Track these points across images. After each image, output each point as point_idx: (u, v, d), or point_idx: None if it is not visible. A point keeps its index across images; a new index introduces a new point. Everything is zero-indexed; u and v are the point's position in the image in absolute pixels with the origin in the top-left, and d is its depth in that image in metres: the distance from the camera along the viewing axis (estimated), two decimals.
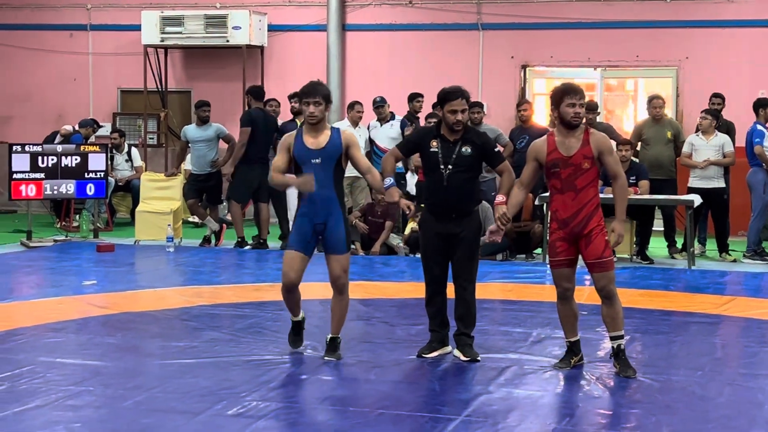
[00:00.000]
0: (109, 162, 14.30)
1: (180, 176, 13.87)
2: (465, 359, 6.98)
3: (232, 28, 15.94)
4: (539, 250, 12.10)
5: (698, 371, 6.80)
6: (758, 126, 12.16)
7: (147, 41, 16.29)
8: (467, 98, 6.98)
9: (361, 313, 8.58)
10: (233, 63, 16.37)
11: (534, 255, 12.22)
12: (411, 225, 12.05)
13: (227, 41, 16.03)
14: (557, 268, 6.72)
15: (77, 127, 15.49)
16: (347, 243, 6.97)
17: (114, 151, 15.25)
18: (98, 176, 13.39)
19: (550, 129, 7.65)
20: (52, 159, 13.17)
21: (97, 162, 13.40)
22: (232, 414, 5.70)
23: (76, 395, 6.02)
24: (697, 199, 11.83)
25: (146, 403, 5.89)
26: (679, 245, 12.54)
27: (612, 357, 6.75)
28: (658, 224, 12.69)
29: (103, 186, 13.49)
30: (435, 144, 7.01)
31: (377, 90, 14.07)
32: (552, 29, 15.44)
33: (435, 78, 14.13)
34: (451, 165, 6.95)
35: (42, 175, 13.11)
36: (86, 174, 13.32)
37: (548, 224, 7.48)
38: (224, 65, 16.62)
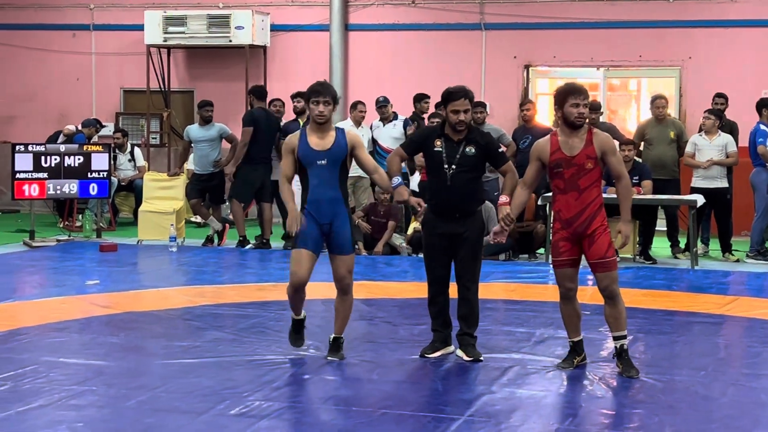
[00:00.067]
0: (112, 162, 14.31)
1: (183, 176, 13.87)
2: (468, 359, 6.97)
3: (235, 28, 15.94)
4: (542, 250, 12.09)
5: (701, 371, 6.80)
6: (761, 126, 12.15)
7: (150, 41, 16.30)
8: (471, 98, 6.95)
9: (364, 313, 8.57)
10: (236, 63, 16.37)
11: (537, 255, 12.21)
12: (414, 225, 12.05)
13: (230, 41, 16.03)
14: (560, 268, 6.71)
15: (80, 127, 15.48)
16: (352, 243, 6.97)
17: (117, 151, 15.25)
18: (101, 176, 13.39)
19: (554, 129, 7.63)
20: (55, 159, 13.17)
21: (100, 162, 13.40)
22: (235, 414, 5.70)
23: (79, 395, 6.02)
24: (700, 199, 11.83)
25: (149, 403, 5.89)
26: (682, 245, 12.53)
27: (615, 357, 6.74)
28: (661, 224, 12.68)
29: (106, 186, 13.50)
30: (439, 143, 7.00)
31: (380, 90, 14.06)
32: (555, 29, 15.43)
33: (437, 78, 14.14)
34: (455, 165, 6.94)
35: (45, 175, 13.12)
36: (89, 174, 13.33)
37: (551, 224, 7.48)
38: (227, 65, 16.62)
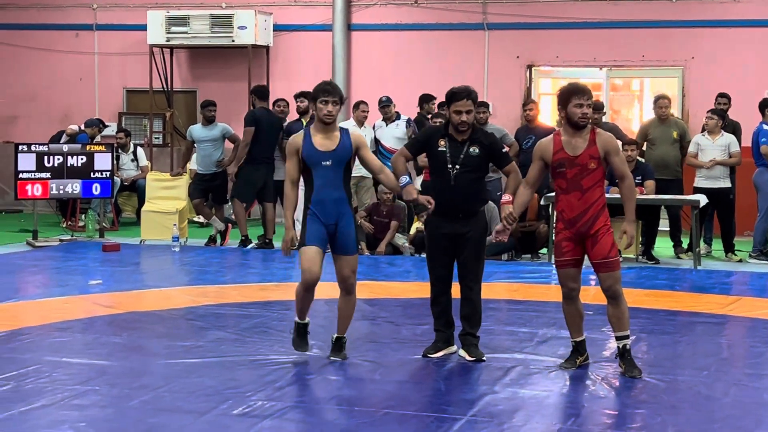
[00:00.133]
0: (115, 162, 14.31)
1: (185, 176, 13.87)
2: (470, 359, 6.97)
3: (238, 28, 15.95)
4: (545, 250, 12.09)
5: (704, 371, 6.79)
6: (764, 126, 12.13)
7: (153, 41, 16.30)
8: (474, 99, 6.93)
9: (367, 313, 8.57)
10: (239, 63, 16.37)
11: (539, 255, 12.21)
12: (416, 225, 12.05)
13: (233, 41, 16.03)
14: (563, 268, 6.71)
15: (83, 127, 15.49)
16: (356, 243, 6.96)
17: (120, 151, 15.25)
18: (104, 176, 13.39)
19: (557, 129, 7.63)
20: (58, 159, 13.18)
21: (103, 162, 13.41)
22: (238, 413, 5.70)
23: (82, 395, 6.02)
24: (703, 199, 11.82)
25: (152, 403, 5.89)
26: (685, 245, 12.52)
27: (618, 357, 6.73)
28: (664, 224, 12.68)
29: (109, 186, 13.50)
30: (443, 143, 6.99)
31: (382, 90, 14.06)
32: (558, 29, 15.42)
33: (440, 78, 14.16)
34: (459, 165, 6.93)
35: (48, 175, 13.13)
36: (92, 174, 13.33)
37: (554, 224, 7.48)
38: (230, 65, 16.63)
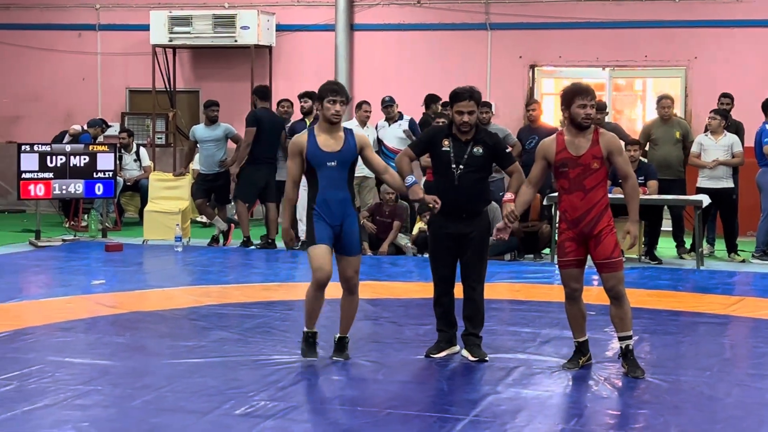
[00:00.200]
0: (118, 162, 14.33)
1: (188, 176, 13.89)
2: (473, 359, 6.97)
3: (241, 28, 15.95)
4: (547, 250, 12.08)
5: (707, 372, 6.79)
6: (767, 126, 12.13)
7: (155, 41, 16.31)
8: (476, 100, 6.92)
9: (369, 313, 8.57)
10: (241, 63, 16.38)
11: (542, 255, 12.21)
12: (419, 225, 12.05)
13: (235, 41, 16.04)
14: (566, 269, 6.70)
15: (86, 127, 15.50)
16: (360, 244, 6.96)
17: (122, 151, 15.27)
18: (107, 176, 13.40)
19: (560, 128, 7.63)
20: (61, 159, 13.19)
21: (106, 162, 13.41)
22: (240, 414, 5.70)
23: (85, 394, 6.03)
24: (706, 200, 11.81)
25: (154, 403, 5.89)
26: (688, 245, 12.52)
27: (620, 357, 6.73)
28: (667, 224, 12.67)
29: (112, 186, 13.51)
30: (447, 143, 6.98)
31: (385, 90, 14.06)
32: (560, 29, 15.42)
33: (443, 78, 14.17)
34: (463, 165, 6.93)
35: (51, 175, 13.13)
36: (95, 174, 13.34)
37: (557, 224, 7.47)
38: (232, 65, 16.63)
